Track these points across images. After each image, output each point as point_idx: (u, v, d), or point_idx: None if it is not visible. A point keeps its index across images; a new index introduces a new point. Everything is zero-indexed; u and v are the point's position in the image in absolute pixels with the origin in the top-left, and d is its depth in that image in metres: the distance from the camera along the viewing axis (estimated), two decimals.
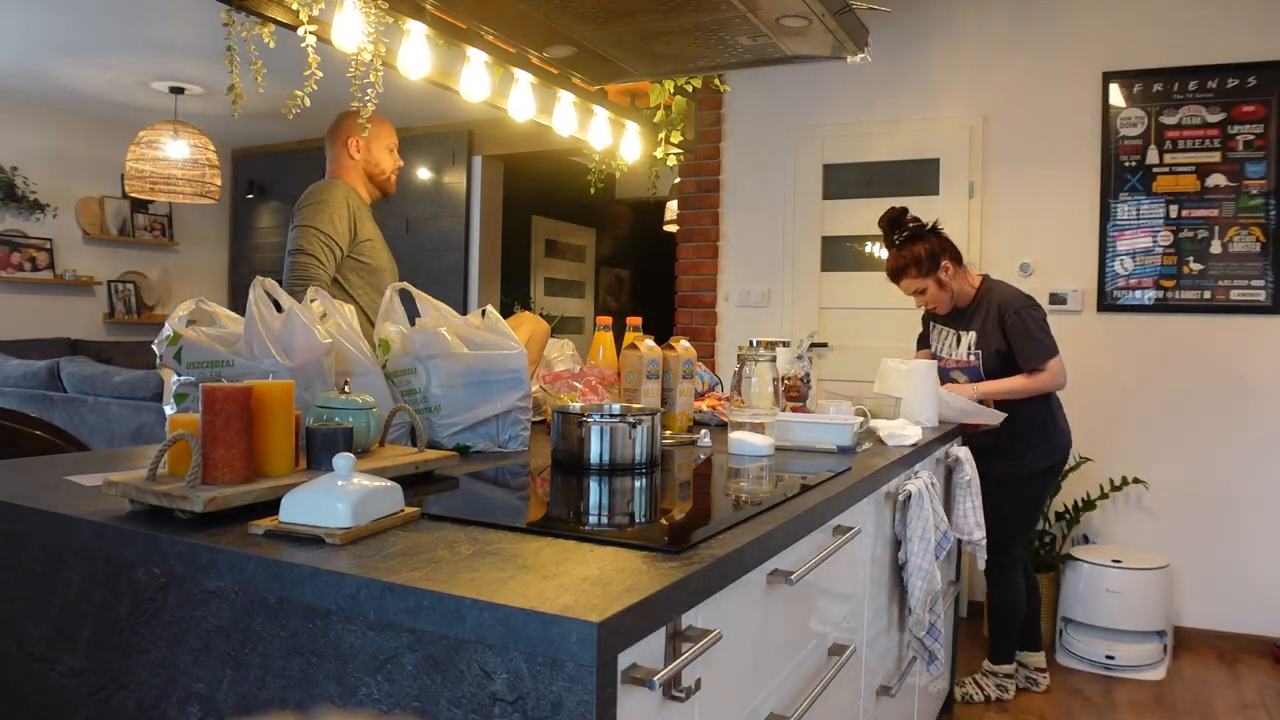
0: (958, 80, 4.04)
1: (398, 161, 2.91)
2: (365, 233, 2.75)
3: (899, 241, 2.83)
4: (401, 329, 1.77)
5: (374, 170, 2.84)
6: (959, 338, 2.88)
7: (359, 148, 2.82)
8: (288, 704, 0.96)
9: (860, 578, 1.77)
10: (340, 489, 1.06)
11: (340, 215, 2.66)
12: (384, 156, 2.85)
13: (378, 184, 2.88)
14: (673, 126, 3.35)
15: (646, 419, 1.59)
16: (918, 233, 2.83)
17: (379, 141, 2.82)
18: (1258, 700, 3.13)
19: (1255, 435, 3.58)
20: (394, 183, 2.92)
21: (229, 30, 1.95)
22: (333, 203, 2.66)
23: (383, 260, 2.82)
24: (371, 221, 2.82)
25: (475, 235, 6.23)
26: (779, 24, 2.24)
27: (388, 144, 2.86)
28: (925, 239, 2.81)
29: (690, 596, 0.96)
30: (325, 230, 2.62)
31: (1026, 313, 2.77)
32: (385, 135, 2.84)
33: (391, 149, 2.88)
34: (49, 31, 4.67)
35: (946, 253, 2.82)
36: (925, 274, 2.80)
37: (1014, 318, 2.76)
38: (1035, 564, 3.69)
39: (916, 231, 2.83)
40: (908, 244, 2.80)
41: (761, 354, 1.90)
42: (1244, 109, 3.57)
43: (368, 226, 2.78)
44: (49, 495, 1.25)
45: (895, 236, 2.84)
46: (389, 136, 2.86)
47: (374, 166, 2.84)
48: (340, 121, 2.83)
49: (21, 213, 6.10)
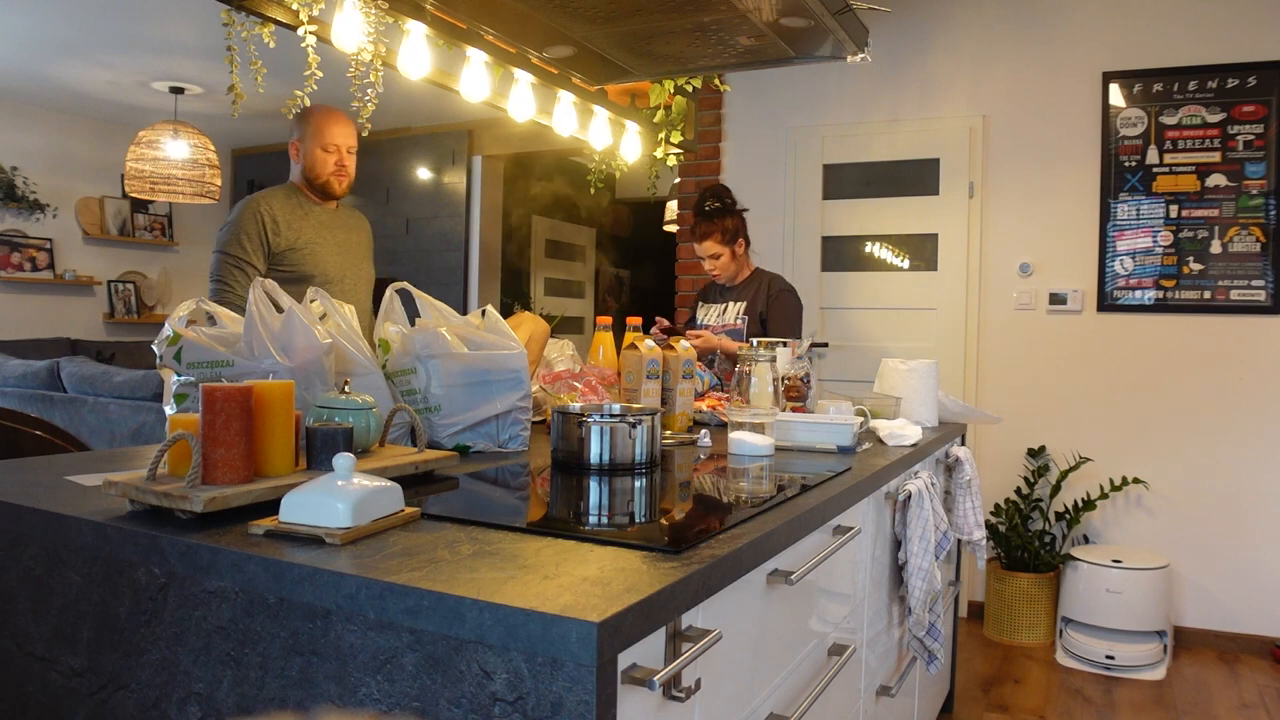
0: (958, 80, 4.04)
1: (341, 162, 2.70)
2: (293, 240, 2.62)
3: (711, 209, 3.15)
4: (401, 329, 1.77)
5: (310, 173, 2.70)
6: (726, 308, 3.24)
7: (297, 151, 2.71)
8: (288, 704, 0.96)
9: (860, 578, 1.77)
10: (340, 489, 1.06)
11: (249, 233, 2.56)
12: (319, 159, 2.68)
13: (315, 188, 2.72)
14: (673, 126, 3.36)
15: (646, 419, 1.59)
16: (731, 208, 3.18)
17: (314, 141, 2.67)
18: (1258, 700, 3.13)
19: (1255, 435, 3.58)
20: (339, 185, 2.72)
21: (229, 30, 1.95)
22: (239, 222, 2.57)
23: (320, 266, 2.67)
24: (315, 226, 2.69)
25: (475, 235, 6.23)
26: (779, 24, 2.24)
27: (324, 144, 2.67)
28: (735, 215, 3.18)
29: (690, 596, 0.96)
30: (232, 253, 2.55)
31: (789, 296, 3.19)
32: (323, 135, 2.67)
33: (331, 148, 2.68)
34: (49, 31, 4.67)
35: (743, 234, 3.21)
36: (726, 243, 3.15)
37: (780, 294, 3.17)
38: (1035, 564, 3.70)
39: (730, 207, 3.18)
40: (720, 214, 3.14)
41: (761, 354, 1.90)
42: (1244, 109, 3.57)
43: (300, 233, 2.64)
44: (49, 495, 1.25)
45: (708, 204, 3.16)
46: (329, 136, 2.67)
47: (309, 169, 2.70)
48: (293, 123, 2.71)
49: (21, 213, 6.10)
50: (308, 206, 2.70)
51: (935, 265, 4.09)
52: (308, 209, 2.70)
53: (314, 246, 2.66)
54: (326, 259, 2.69)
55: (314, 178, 2.69)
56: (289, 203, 2.66)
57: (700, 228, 3.15)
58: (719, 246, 3.14)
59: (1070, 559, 3.57)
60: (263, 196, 2.64)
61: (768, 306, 3.16)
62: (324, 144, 2.66)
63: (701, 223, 3.14)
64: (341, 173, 2.70)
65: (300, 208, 2.68)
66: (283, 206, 2.64)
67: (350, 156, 2.72)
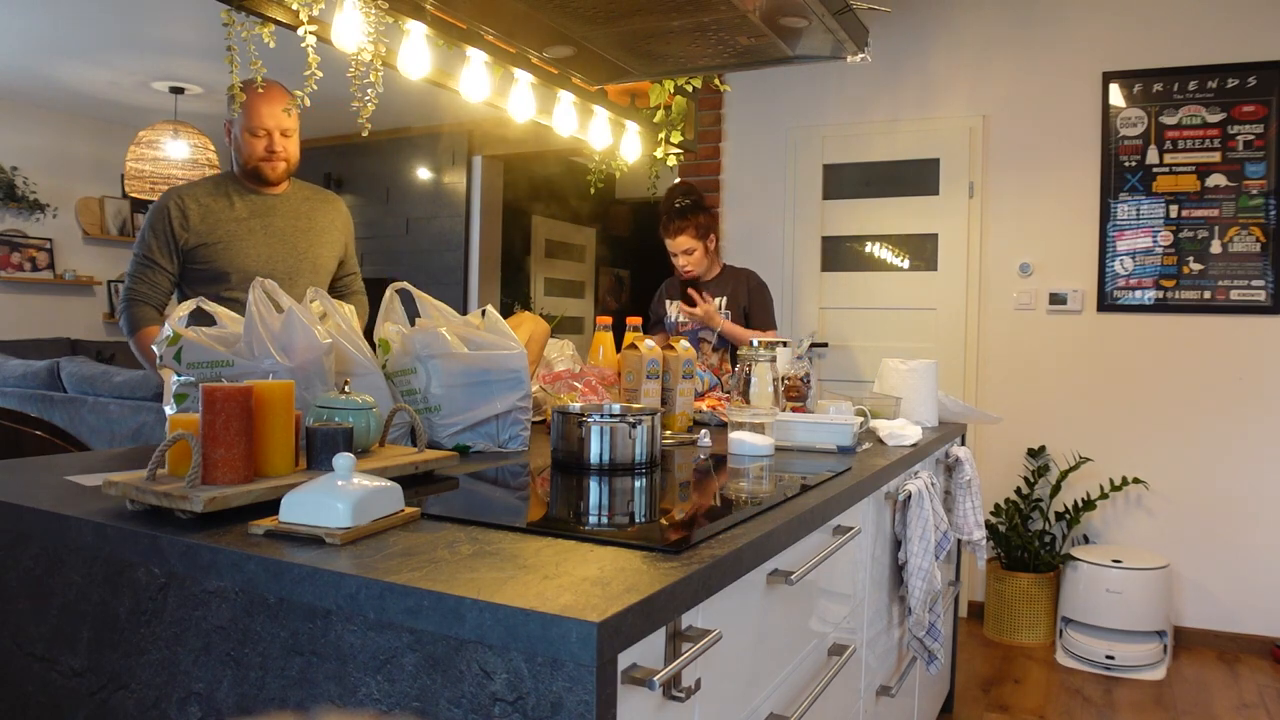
0: (958, 80, 4.04)
1: (271, 147, 2.42)
2: (205, 236, 2.39)
3: (682, 205, 3.18)
4: (401, 329, 1.77)
5: (239, 158, 2.46)
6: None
7: (229, 134, 2.46)
8: (288, 704, 0.96)
9: (860, 578, 1.77)
10: (340, 489, 1.06)
11: (157, 230, 2.37)
12: (247, 143, 2.42)
13: (246, 173, 2.46)
14: (673, 126, 3.35)
15: (646, 419, 1.59)
16: (702, 204, 3.24)
17: (242, 123, 2.40)
18: (1258, 700, 3.13)
19: (1255, 435, 3.58)
20: (272, 170, 2.45)
21: (229, 30, 1.95)
22: (150, 222, 2.39)
23: (239, 262, 2.41)
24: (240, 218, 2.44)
25: (475, 235, 6.23)
26: (779, 24, 2.24)
27: (251, 126, 2.40)
28: (706, 211, 3.24)
29: (690, 597, 0.96)
30: (141, 253, 2.39)
31: (766, 289, 3.30)
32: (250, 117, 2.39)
33: (260, 131, 2.40)
34: (49, 31, 4.67)
35: (714, 229, 3.30)
36: (699, 238, 3.18)
37: (759, 288, 3.27)
38: (1035, 564, 3.70)
39: (701, 203, 3.23)
40: (693, 210, 3.18)
41: (761, 354, 1.90)
42: (1244, 109, 3.57)
43: (215, 228, 2.41)
44: (49, 495, 1.25)
45: (678, 201, 3.20)
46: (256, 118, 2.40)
47: (238, 153, 2.45)
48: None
49: (21, 213, 6.10)
50: (236, 195, 2.46)
51: (935, 265, 4.09)
52: (236, 198, 2.45)
53: (233, 241, 2.41)
54: (248, 253, 2.43)
55: (244, 162, 2.45)
56: (213, 194, 2.44)
57: (674, 224, 3.17)
58: (693, 241, 3.17)
59: (1070, 559, 3.57)
60: (180, 189, 2.44)
61: (750, 300, 3.20)
62: (251, 126, 2.40)
63: (675, 219, 3.16)
64: (273, 158, 2.43)
65: (225, 198, 2.44)
66: (202, 199, 2.42)
67: (286, 139, 2.45)
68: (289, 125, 2.44)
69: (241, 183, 2.48)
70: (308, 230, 2.54)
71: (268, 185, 2.49)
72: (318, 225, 2.57)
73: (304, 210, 2.56)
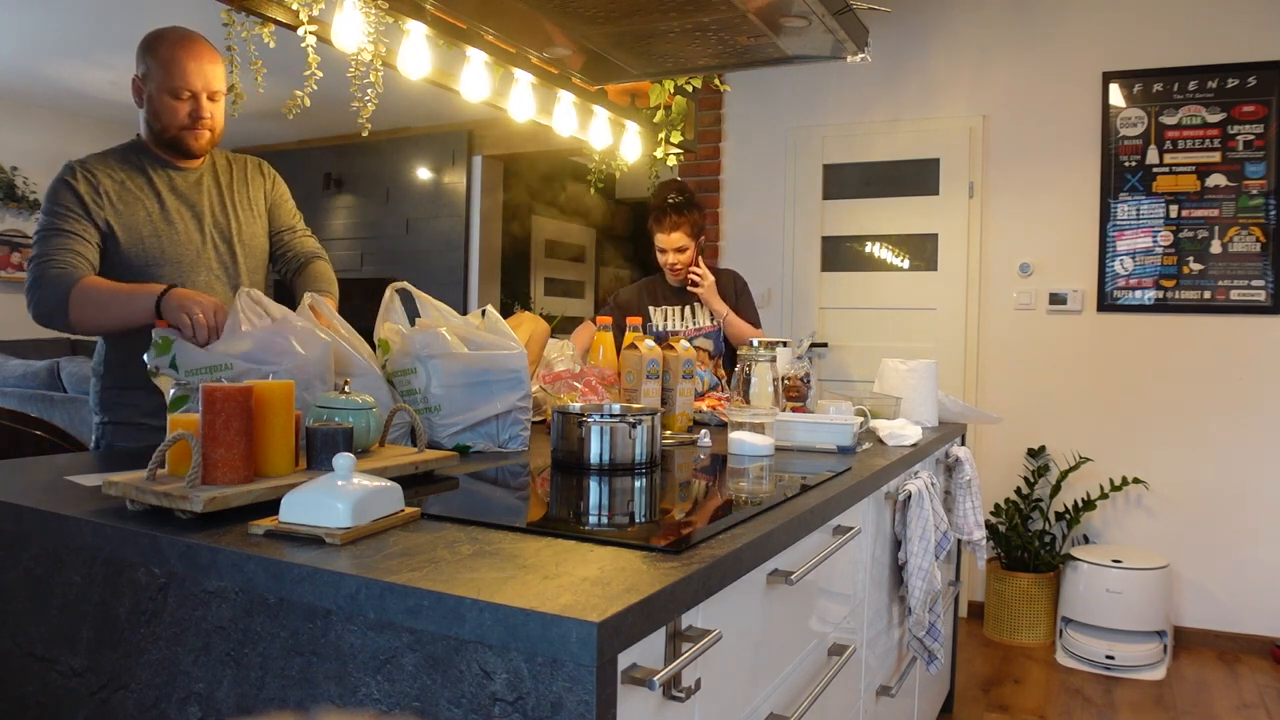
0: (958, 80, 4.04)
1: (197, 112, 1.95)
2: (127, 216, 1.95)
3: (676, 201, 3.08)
4: (401, 329, 1.77)
5: (154, 124, 1.98)
6: (694, 308, 3.13)
7: (139, 93, 1.98)
8: (288, 704, 0.96)
9: (860, 578, 1.77)
10: (340, 489, 1.06)
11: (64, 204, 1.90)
12: (166, 106, 1.94)
13: (162, 141, 1.99)
14: (673, 126, 3.35)
15: (646, 419, 1.59)
16: (696, 203, 3.13)
17: (159, 82, 1.93)
18: (1258, 700, 3.13)
19: (1255, 435, 3.58)
20: (194, 141, 1.98)
21: (229, 30, 1.95)
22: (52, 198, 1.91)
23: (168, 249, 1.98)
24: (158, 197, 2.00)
25: (475, 235, 6.23)
26: (779, 24, 2.24)
27: (172, 87, 1.92)
28: (701, 211, 3.13)
29: (690, 596, 0.96)
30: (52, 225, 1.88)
31: (748, 289, 3.19)
32: (172, 75, 1.91)
33: (183, 93, 1.92)
34: (49, 31, 4.67)
35: (704, 231, 3.19)
36: (693, 236, 3.08)
37: (745, 289, 3.17)
38: (1035, 564, 3.70)
39: (695, 202, 3.12)
40: (688, 207, 3.07)
41: (761, 354, 1.90)
42: (1244, 109, 3.57)
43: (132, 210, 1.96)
44: (49, 495, 1.25)
45: (672, 197, 3.10)
46: (179, 77, 1.91)
47: (153, 119, 1.97)
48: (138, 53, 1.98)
49: (21, 213, 6.10)
50: (152, 170, 2.01)
51: (935, 265, 4.09)
52: (153, 174, 2.01)
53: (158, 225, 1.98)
54: (178, 240, 1.99)
55: (160, 130, 1.97)
56: (123, 167, 1.99)
57: (669, 218, 3.05)
58: (687, 239, 3.06)
59: (1070, 559, 3.57)
60: (83, 160, 1.98)
61: (738, 301, 3.12)
62: (172, 86, 1.92)
63: (671, 213, 3.05)
64: (198, 125, 1.96)
65: (140, 173, 2.00)
66: (113, 172, 1.97)
67: (213, 104, 1.97)
68: (217, 87, 1.97)
69: (155, 154, 2.02)
70: (237, 207, 2.11)
71: (187, 158, 2.03)
72: (247, 199, 2.14)
73: (231, 183, 2.12)
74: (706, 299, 3.04)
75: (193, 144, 1.99)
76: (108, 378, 2.02)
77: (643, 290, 3.21)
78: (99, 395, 2.05)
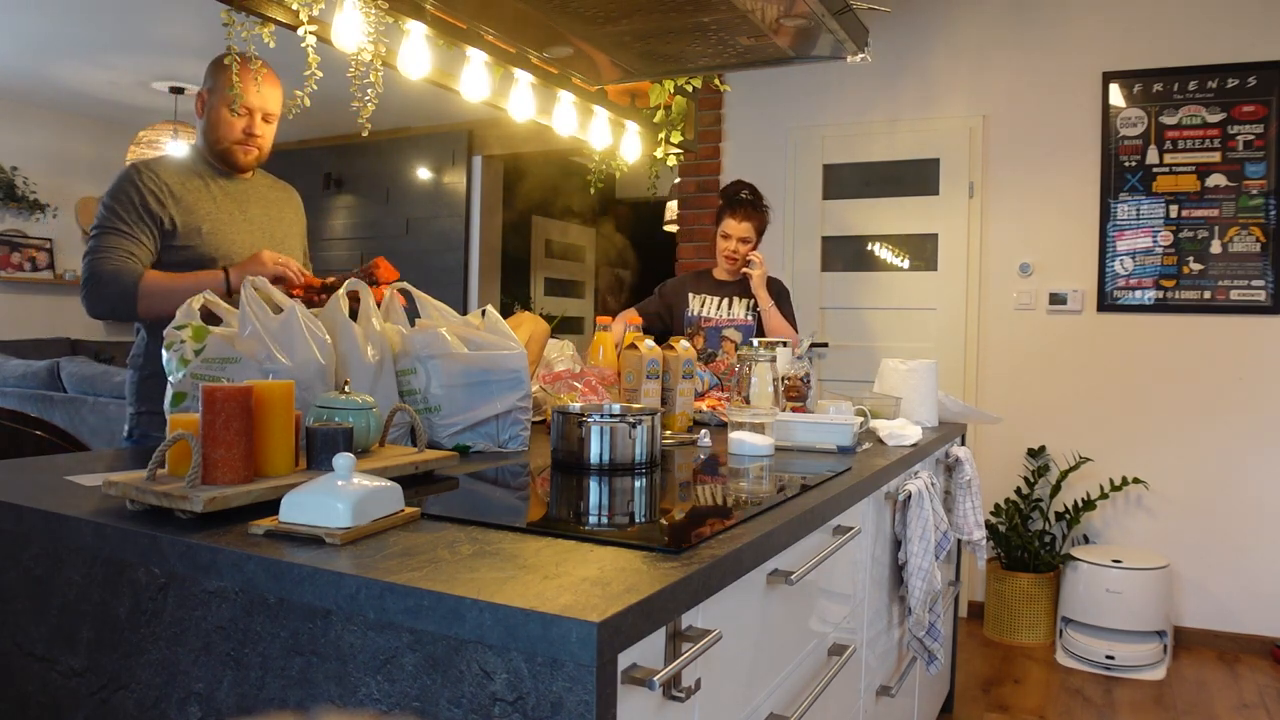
0: (958, 80, 4.04)
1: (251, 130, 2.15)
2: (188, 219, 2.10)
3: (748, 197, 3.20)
4: (401, 329, 1.77)
5: (210, 135, 2.16)
6: (731, 301, 3.22)
7: (202, 106, 2.16)
8: (288, 704, 0.96)
9: (860, 578, 1.77)
10: (340, 489, 1.06)
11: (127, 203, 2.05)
12: (224, 121, 2.13)
13: (215, 154, 2.17)
14: (673, 126, 3.35)
15: (646, 419, 1.59)
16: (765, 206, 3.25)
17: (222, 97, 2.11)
18: (1258, 700, 3.13)
19: (1255, 435, 3.58)
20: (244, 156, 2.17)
21: (229, 30, 1.95)
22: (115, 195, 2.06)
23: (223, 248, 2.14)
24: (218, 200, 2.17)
25: (475, 235, 6.23)
26: (779, 24, 2.24)
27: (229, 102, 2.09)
28: (768, 216, 3.26)
29: (690, 596, 0.96)
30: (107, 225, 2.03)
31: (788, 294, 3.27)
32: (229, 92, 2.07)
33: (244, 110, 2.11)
34: (49, 31, 4.67)
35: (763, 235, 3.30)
36: (757, 233, 3.21)
37: (784, 292, 3.24)
38: (1035, 564, 3.70)
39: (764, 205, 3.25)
40: (760, 208, 3.21)
41: (761, 354, 1.90)
42: (1244, 109, 3.57)
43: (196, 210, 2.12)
44: (49, 495, 1.25)
45: (745, 193, 3.21)
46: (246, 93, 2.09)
47: (210, 130, 2.15)
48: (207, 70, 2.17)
49: (21, 213, 6.11)
50: (209, 177, 2.18)
51: (935, 265, 4.09)
52: (210, 180, 2.18)
53: (216, 226, 2.13)
54: (235, 240, 2.16)
55: (214, 141, 2.15)
56: (185, 172, 2.15)
57: (744, 209, 3.16)
58: (753, 233, 3.17)
59: (1070, 559, 3.57)
60: (148, 162, 2.12)
61: (778, 303, 3.18)
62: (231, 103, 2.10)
63: (745, 206, 3.16)
64: (250, 141, 2.16)
65: (199, 178, 2.16)
66: (176, 174, 2.13)
67: (266, 125, 2.18)
68: (273, 110, 2.17)
69: (211, 164, 2.20)
70: (277, 221, 2.31)
71: (237, 172, 2.23)
72: (286, 218, 2.35)
73: (272, 197, 2.32)
74: (756, 286, 3.11)
75: (242, 158, 2.19)
76: (146, 367, 2.13)
77: (688, 278, 3.35)
78: (136, 385, 2.15)
